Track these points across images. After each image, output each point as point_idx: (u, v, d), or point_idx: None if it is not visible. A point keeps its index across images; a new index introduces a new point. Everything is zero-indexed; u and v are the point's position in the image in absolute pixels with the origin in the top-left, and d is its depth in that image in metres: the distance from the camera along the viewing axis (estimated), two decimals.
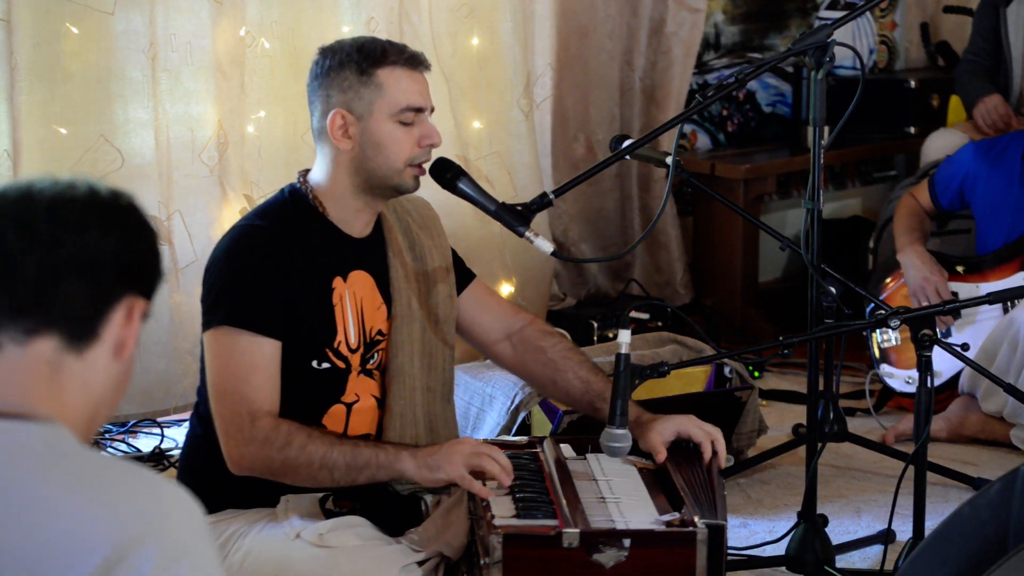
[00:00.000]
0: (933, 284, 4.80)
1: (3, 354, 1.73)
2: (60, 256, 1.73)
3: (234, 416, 3.04)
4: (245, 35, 4.53)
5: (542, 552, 2.82)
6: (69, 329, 1.74)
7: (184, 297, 4.46)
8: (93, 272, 1.74)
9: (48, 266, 1.72)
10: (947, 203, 4.93)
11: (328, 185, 3.22)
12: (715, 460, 3.21)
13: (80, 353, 1.75)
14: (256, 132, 4.59)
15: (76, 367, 1.76)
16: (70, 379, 1.75)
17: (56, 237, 1.72)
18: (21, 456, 1.67)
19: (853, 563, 3.88)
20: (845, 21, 3.63)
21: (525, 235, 3.32)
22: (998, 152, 4.85)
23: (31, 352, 1.73)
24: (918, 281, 4.82)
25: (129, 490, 1.67)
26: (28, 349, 1.73)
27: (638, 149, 3.74)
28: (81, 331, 1.75)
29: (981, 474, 4.34)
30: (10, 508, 1.63)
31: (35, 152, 4.20)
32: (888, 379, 4.93)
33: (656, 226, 5.47)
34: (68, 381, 1.75)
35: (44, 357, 1.73)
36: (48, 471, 1.66)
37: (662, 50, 5.67)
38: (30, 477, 1.65)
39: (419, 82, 3.20)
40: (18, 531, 1.62)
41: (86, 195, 1.76)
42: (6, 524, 1.62)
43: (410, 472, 3.03)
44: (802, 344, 3.67)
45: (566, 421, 4.12)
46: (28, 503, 1.63)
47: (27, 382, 1.73)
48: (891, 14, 6.57)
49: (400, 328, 3.25)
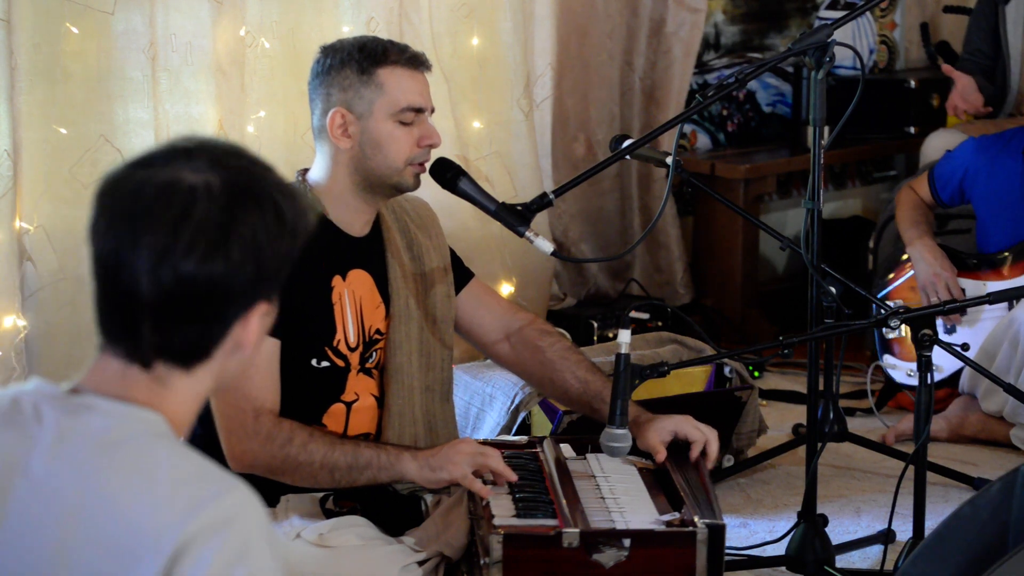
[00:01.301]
0: (944, 280, 4.78)
1: (108, 356, 1.74)
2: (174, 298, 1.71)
3: (236, 413, 3.04)
4: (245, 35, 4.53)
5: (542, 552, 2.82)
6: (179, 359, 1.75)
7: None
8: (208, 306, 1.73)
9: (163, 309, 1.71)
10: (947, 198, 4.92)
11: (327, 184, 3.22)
12: (703, 460, 3.20)
13: (189, 371, 1.77)
14: (256, 132, 4.59)
15: (182, 382, 1.77)
16: (174, 392, 1.77)
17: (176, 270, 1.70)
18: (104, 442, 1.68)
19: (853, 563, 3.88)
20: (845, 21, 3.63)
21: (525, 235, 3.32)
22: (1000, 148, 4.84)
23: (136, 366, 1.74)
24: (928, 276, 4.80)
25: (201, 484, 1.68)
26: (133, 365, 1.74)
27: (638, 149, 3.74)
28: (191, 359, 1.76)
29: (981, 474, 4.34)
30: (88, 492, 1.66)
31: (35, 152, 4.20)
32: (890, 370, 4.92)
33: (656, 226, 5.46)
34: (172, 392, 1.77)
35: (152, 373, 1.75)
36: (124, 459, 1.68)
37: (662, 50, 5.67)
38: (108, 464, 1.67)
39: (420, 82, 3.20)
40: (95, 516, 1.65)
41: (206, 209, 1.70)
42: (85, 508, 1.65)
43: (412, 474, 3.03)
44: (802, 344, 3.67)
45: (566, 421, 4.12)
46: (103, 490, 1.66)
47: (129, 384, 1.74)
48: (891, 14, 6.57)
49: (398, 328, 3.25)
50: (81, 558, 1.65)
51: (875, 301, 4.05)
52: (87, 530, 1.66)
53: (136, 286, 1.69)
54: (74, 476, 1.68)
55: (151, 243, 1.68)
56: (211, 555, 1.63)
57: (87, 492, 1.67)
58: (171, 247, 1.68)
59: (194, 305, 1.71)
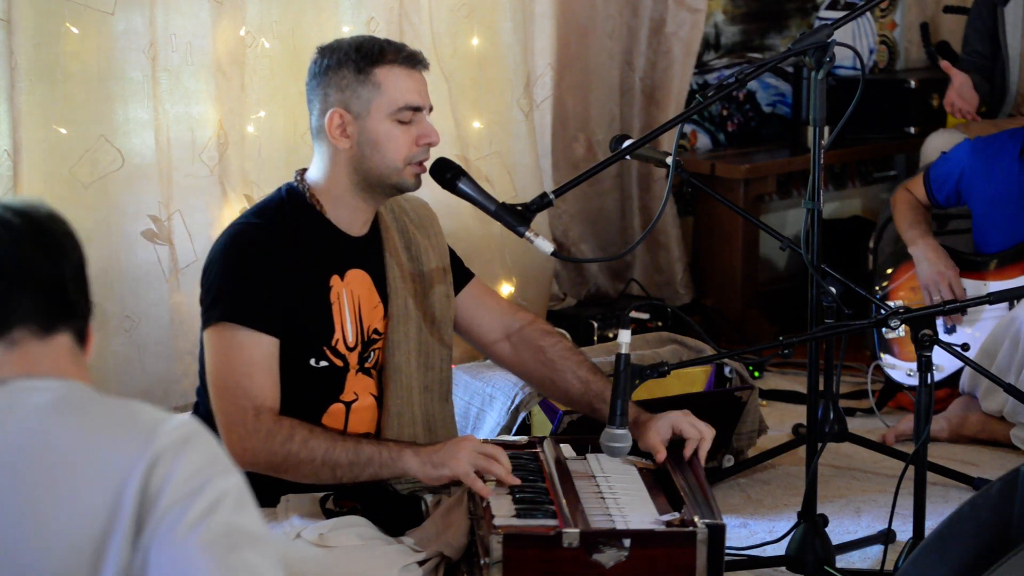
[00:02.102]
0: (947, 279, 4.78)
1: (23, 346, 1.87)
2: (70, 265, 1.91)
3: (237, 411, 3.05)
4: (245, 35, 4.53)
5: (542, 552, 2.82)
6: (78, 329, 1.91)
7: (184, 297, 4.46)
8: (84, 281, 1.93)
9: (64, 275, 1.89)
10: (943, 199, 4.92)
11: (326, 184, 3.22)
12: (696, 457, 3.20)
13: (83, 350, 1.93)
14: (256, 132, 4.59)
15: (82, 359, 1.92)
16: (83, 366, 1.92)
17: (63, 249, 1.91)
18: (61, 403, 1.82)
19: (853, 563, 3.88)
20: (845, 21, 3.63)
21: (525, 235, 3.32)
22: (995, 150, 4.84)
23: (54, 342, 1.88)
24: (932, 275, 4.79)
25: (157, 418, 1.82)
26: (51, 341, 1.88)
27: (638, 149, 3.74)
28: (82, 335, 1.92)
29: (981, 474, 4.34)
30: (58, 448, 1.78)
31: (35, 152, 4.20)
32: (889, 370, 4.92)
33: (656, 226, 5.46)
34: (82, 367, 1.92)
35: (66, 346, 1.89)
36: (87, 413, 1.82)
37: (662, 50, 5.67)
38: (70, 419, 1.81)
39: (417, 81, 3.20)
40: (67, 467, 1.77)
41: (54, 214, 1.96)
42: (55, 463, 1.77)
43: (413, 470, 3.03)
44: (802, 344, 3.67)
45: (566, 421, 4.12)
46: (73, 442, 1.78)
47: (57, 361, 1.88)
48: (891, 14, 6.57)
49: (396, 328, 3.26)
50: (56, 516, 1.76)
51: (875, 301, 4.05)
52: (57, 486, 1.77)
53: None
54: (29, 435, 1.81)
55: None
56: (178, 467, 1.75)
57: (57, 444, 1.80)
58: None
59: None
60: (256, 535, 1.76)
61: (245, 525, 1.76)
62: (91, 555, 1.75)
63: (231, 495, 1.76)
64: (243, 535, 1.75)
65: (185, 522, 1.72)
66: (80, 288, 1.91)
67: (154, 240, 4.41)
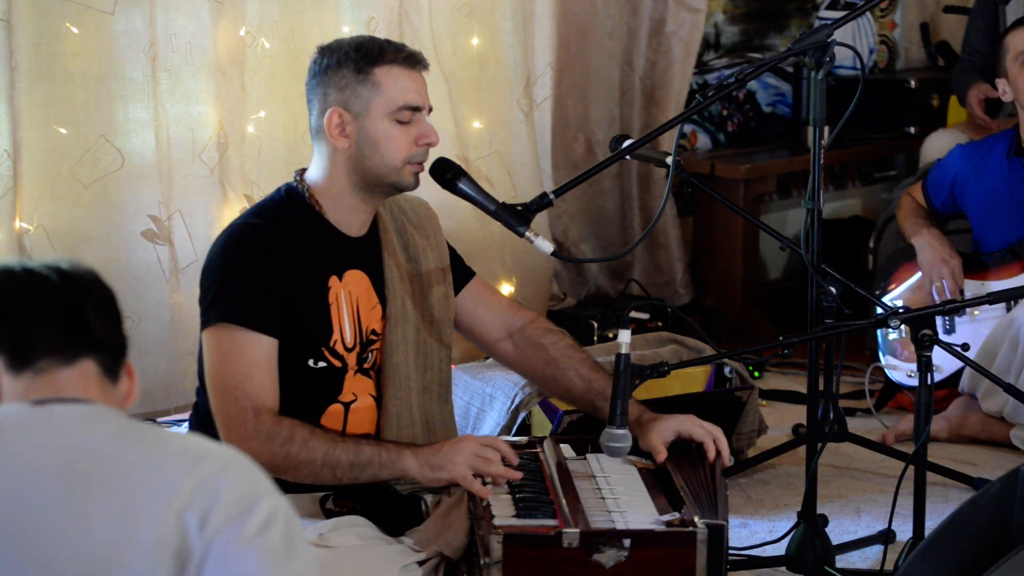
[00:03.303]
0: (950, 267, 4.77)
1: (48, 374, 1.97)
2: (92, 300, 2.00)
3: (237, 411, 3.05)
4: (245, 35, 4.53)
5: (542, 552, 2.82)
6: (104, 362, 2.00)
7: (184, 297, 4.46)
8: (109, 317, 2.02)
9: (83, 307, 1.99)
10: (940, 205, 4.93)
11: (325, 183, 3.22)
12: (719, 459, 3.21)
13: (114, 384, 2.02)
14: (256, 132, 4.59)
15: (113, 392, 2.02)
16: (112, 399, 2.01)
17: (86, 286, 2.01)
18: (100, 422, 1.92)
19: (853, 563, 3.88)
20: (845, 21, 3.63)
21: (525, 235, 3.32)
22: (984, 153, 4.85)
23: (78, 369, 1.98)
24: (935, 261, 4.78)
25: (193, 442, 1.94)
26: (74, 367, 1.98)
27: (638, 149, 3.74)
28: (111, 369, 2.02)
29: (981, 474, 4.34)
30: (100, 464, 1.88)
31: (35, 152, 4.20)
32: (890, 371, 4.92)
33: (656, 226, 5.46)
34: (111, 399, 2.01)
35: (92, 372, 1.99)
36: (126, 433, 1.92)
37: (662, 50, 5.67)
38: (112, 439, 1.91)
39: (417, 81, 3.20)
40: (111, 480, 1.87)
41: (81, 266, 2.05)
42: (102, 476, 1.87)
43: (412, 471, 3.04)
44: (802, 344, 3.66)
45: (566, 421, 4.12)
46: (114, 458, 1.89)
47: (84, 386, 1.98)
48: (891, 14, 6.57)
49: (394, 329, 3.26)
50: (89, 518, 1.85)
51: (875, 301, 4.05)
52: (96, 498, 1.86)
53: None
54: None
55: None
56: (225, 489, 1.86)
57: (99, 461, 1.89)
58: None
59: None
60: (307, 553, 1.91)
61: (298, 541, 1.90)
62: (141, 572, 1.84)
63: (281, 514, 1.88)
64: (297, 549, 1.89)
65: (243, 536, 1.85)
66: (104, 322, 2.00)
67: (154, 240, 4.41)
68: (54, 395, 1.96)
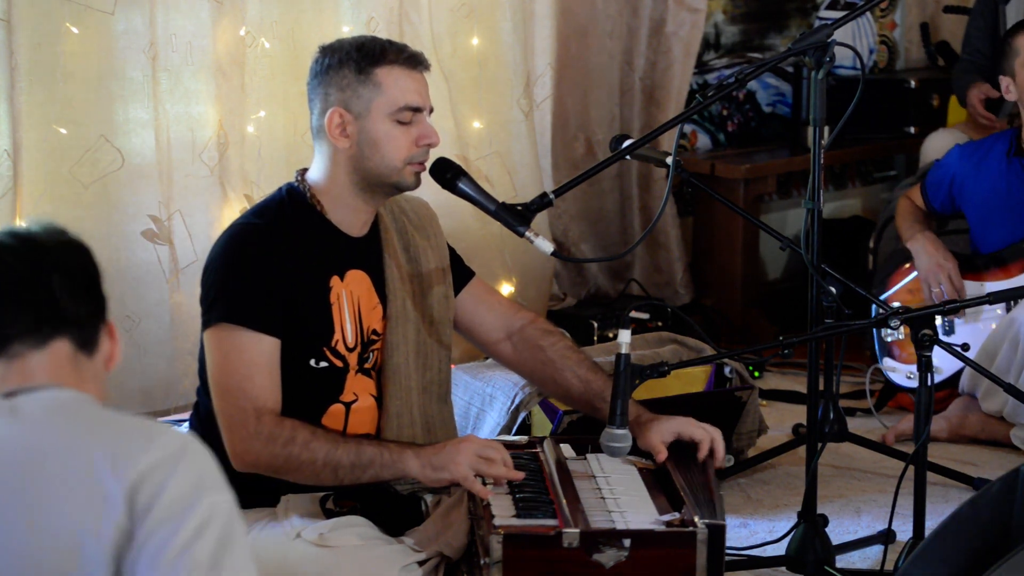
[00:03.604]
0: (946, 271, 4.78)
1: (21, 359, 1.98)
2: (61, 274, 2.00)
3: (238, 412, 3.04)
4: (245, 35, 4.53)
5: (542, 552, 2.82)
6: (77, 335, 2.01)
7: (184, 297, 4.46)
8: (82, 287, 2.02)
9: (51, 284, 1.99)
10: (938, 206, 4.94)
11: (326, 184, 3.22)
12: (710, 459, 3.21)
13: (90, 356, 2.03)
14: (256, 132, 4.59)
15: (89, 364, 2.03)
16: (87, 372, 2.03)
17: (54, 259, 2.00)
18: (59, 411, 1.94)
19: (853, 563, 3.88)
20: (845, 21, 3.63)
21: (525, 235, 3.32)
22: (983, 154, 4.86)
23: (51, 352, 1.99)
24: (931, 266, 4.79)
25: (153, 430, 1.93)
26: (47, 350, 1.99)
27: (638, 149, 3.74)
28: (87, 340, 2.03)
29: (981, 474, 4.34)
30: (55, 453, 1.90)
31: (35, 152, 4.20)
32: (890, 373, 4.92)
33: (656, 226, 5.46)
34: (86, 373, 2.02)
35: (64, 353, 2.00)
36: (82, 420, 1.94)
37: (662, 50, 5.67)
38: (68, 425, 1.93)
39: (418, 82, 3.20)
40: (63, 469, 1.88)
41: (52, 227, 2.04)
42: (46, 470, 1.89)
43: (414, 471, 3.03)
44: (802, 344, 3.67)
45: (566, 421, 4.12)
46: (67, 449, 1.90)
47: (56, 370, 1.99)
48: (891, 14, 6.57)
49: (395, 329, 3.26)
50: (47, 511, 1.87)
51: (875, 301, 4.05)
52: (47, 485, 1.88)
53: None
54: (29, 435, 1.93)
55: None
56: (171, 482, 1.87)
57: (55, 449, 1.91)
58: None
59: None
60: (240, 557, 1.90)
61: (230, 546, 1.89)
62: (78, 562, 1.85)
63: (220, 514, 1.88)
64: (228, 560, 1.88)
65: (173, 545, 1.85)
66: (76, 294, 2.00)
67: (154, 240, 4.41)
68: (25, 384, 1.96)
